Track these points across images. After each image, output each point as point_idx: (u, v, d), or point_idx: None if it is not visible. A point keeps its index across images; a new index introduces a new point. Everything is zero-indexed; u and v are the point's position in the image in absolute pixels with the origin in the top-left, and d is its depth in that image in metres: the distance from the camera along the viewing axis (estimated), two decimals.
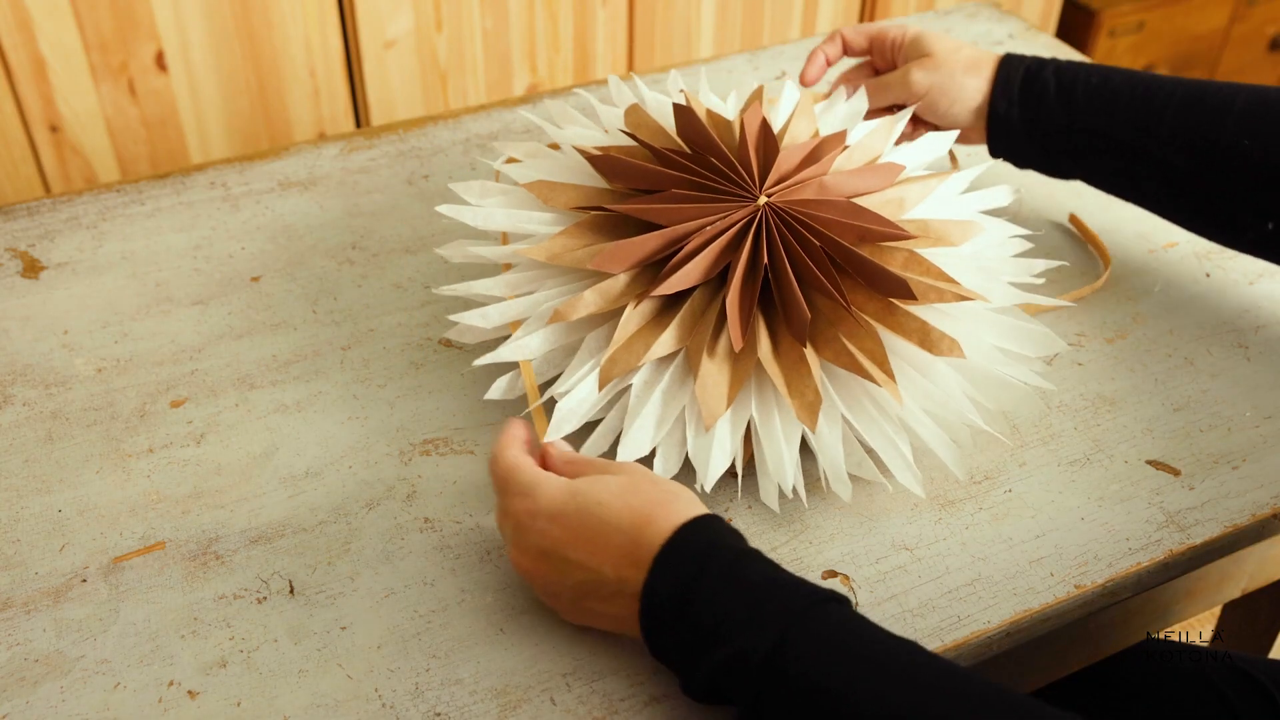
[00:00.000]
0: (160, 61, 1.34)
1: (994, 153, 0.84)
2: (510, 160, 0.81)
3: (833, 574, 0.65)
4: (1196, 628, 1.45)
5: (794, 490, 0.67)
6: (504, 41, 1.51)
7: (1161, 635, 0.83)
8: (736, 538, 0.58)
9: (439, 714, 0.58)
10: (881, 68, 0.88)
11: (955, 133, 0.82)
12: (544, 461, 0.64)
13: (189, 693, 0.59)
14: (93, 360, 0.78)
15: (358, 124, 1.50)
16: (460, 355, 0.78)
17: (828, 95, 0.87)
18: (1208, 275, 0.86)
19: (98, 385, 0.76)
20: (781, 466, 0.65)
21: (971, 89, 0.81)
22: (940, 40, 0.83)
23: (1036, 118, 0.80)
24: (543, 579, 0.60)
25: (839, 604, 0.55)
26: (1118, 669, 0.80)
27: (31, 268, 0.85)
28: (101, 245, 0.87)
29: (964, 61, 0.82)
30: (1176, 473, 0.71)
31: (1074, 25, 2.02)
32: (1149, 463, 0.71)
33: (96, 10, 1.27)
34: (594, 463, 0.63)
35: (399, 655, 0.61)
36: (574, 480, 0.60)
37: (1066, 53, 1.12)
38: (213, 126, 1.41)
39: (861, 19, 1.74)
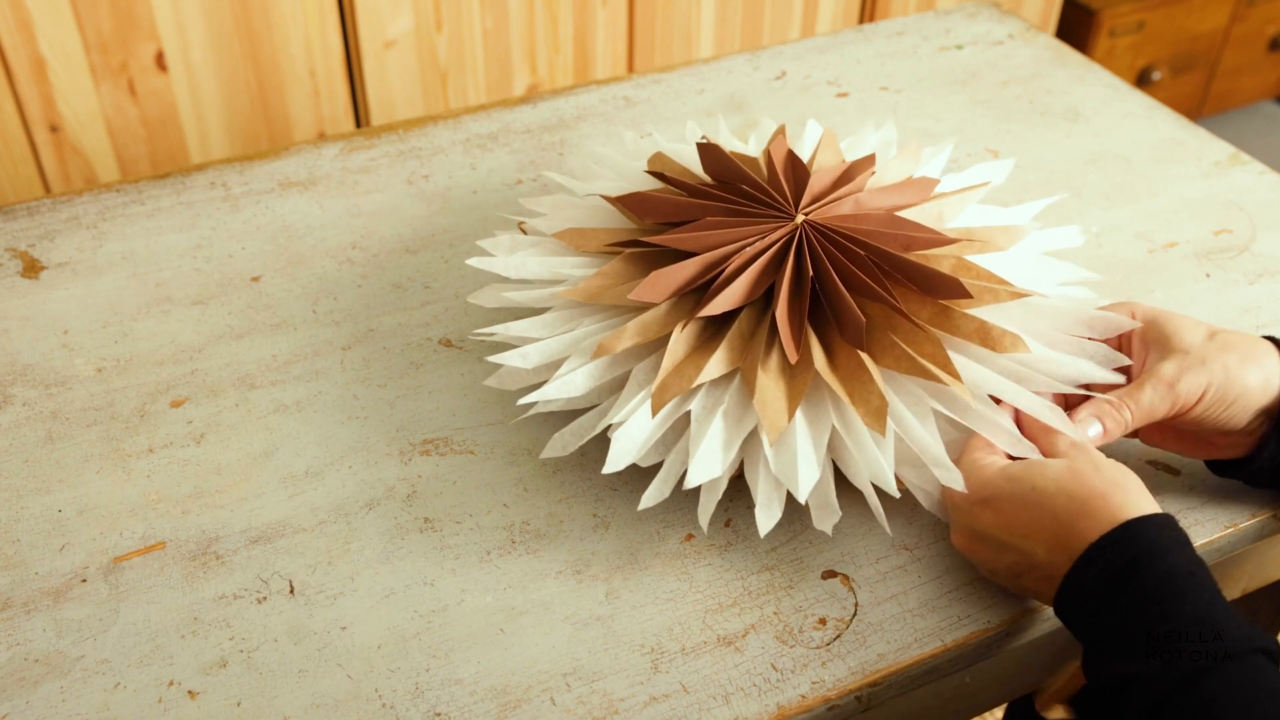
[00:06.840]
0: (160, 61, 1.34)
1: (1253, 476, 0.67)
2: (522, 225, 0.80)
3: (832, 574, 0.65)
4: None
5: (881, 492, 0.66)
6: (504, 41, 1.51)
7: None
8: (1178, 546, 0.55)
9: (439, 714, 0.58)
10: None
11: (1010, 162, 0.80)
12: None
13: (189, 693, 0.59)
14: (93, 360, 0.78)
15: (358, 124, 1.50)
16: (460, 355, 0.78)
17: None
18: (1208, 275, 0.85)
19: (98, 385, 0.76)
20: (880, 469, 0.63)
21: (1257, 384, 0.64)
22: (1182, 325, 0.66)
23: None
24: (980, 559, 0.62)
25: (1268, 656, 0.53)
26: None
27: (31, 268, 0.85)
28: (101, 245, 0.87)
29: (1233, 352, 0.64)
30: (1176, 473, 0.71)
31: (1074, 25, 2.02)
32: (1149, 463, 0.71)
33: (96, 10, 1.27)
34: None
35: (399, 655, 0.61)
36: (1009, 464, 0.61)
37: (1066, 52, 1.12)
38: (213, 126, 1.41)
39: (861, 20, 1.74)
